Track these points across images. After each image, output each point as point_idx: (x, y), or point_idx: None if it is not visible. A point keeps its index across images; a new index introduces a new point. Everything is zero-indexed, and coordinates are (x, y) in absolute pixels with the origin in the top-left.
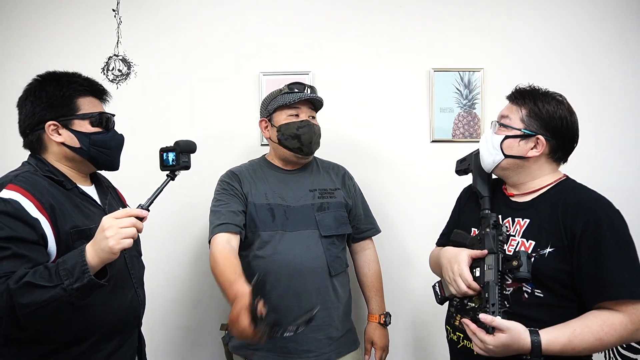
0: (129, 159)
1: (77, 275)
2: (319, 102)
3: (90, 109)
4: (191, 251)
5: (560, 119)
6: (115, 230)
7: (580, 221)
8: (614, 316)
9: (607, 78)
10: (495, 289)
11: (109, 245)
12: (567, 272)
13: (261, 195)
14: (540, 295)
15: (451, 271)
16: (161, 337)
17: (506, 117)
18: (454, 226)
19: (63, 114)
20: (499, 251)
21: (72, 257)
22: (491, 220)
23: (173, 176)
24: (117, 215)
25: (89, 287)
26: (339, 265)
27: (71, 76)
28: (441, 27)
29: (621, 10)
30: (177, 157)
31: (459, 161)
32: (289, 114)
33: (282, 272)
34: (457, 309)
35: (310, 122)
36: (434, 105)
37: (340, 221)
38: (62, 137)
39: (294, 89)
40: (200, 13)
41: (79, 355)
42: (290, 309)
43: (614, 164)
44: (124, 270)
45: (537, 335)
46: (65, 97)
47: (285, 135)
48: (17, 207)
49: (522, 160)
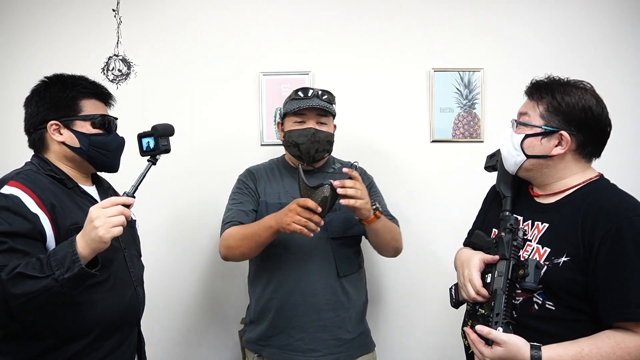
0: (129, 159)
1: (68, 265)
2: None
3: (93, 110)
4: (192, 251)
5: (584, 110)
6: (103, 219)
7: (601, 230)
8: (630, 338)
9: (607, 78)
10: (502, 298)
11: (98, 235)
12: (581, 283)
13: (274, 194)
14: (551, 308)
15: (462, 275)
16: (161, 336)
17: (525, 115)
18: (479, 226)
19: (65, 114)
20: (510, 257)
21: (63, 248)
22: (508, 223)
23: (154, 160)
24: (104, 204)
25: (80, 277)
26: (348, 266)
27: (77, 79)
28: (441, 27)
29: (621, 11)
30: (156, 141)
31: (488, 157)
32: (294, 120)
33: (290, 271)
34: (469, 314)
35: (313, 129)
36: (434, 105)
37: (352, 222)
38: (63, 136)
39: (300, 94)
40: (200, 13)
41: (78, 352)
42: (296, 307)
43: (614, 163)
44: (124, 269)
45: (538, 350)
46: (68, 98)
47: (287, 142)
48: (17, 202)
49: (546, 159)
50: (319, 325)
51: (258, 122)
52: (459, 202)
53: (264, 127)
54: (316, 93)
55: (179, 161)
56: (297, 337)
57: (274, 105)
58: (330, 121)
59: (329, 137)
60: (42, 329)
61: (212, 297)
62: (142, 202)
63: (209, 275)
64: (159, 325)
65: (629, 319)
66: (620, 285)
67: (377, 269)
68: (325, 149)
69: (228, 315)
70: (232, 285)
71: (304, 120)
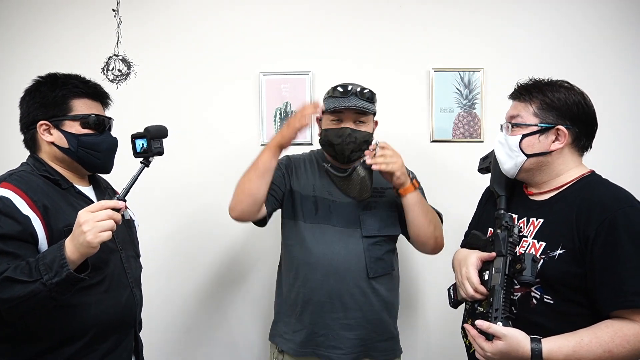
0: (129, 160)
1: (56, 270)
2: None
3: (84, 110)
4: (193, 251)
5: (576, 105)
6: (92, 224)
7: (595, 221)
8: (628, 327)
9: (606, 78)
10: (500, 293)
11: (87, 239)
12: (578, 275)
13: (309, 186)
14: (549, 302)
15: (460, 274)
16: (160, 336)
17: (517, 116)
18: (475, 226)
19: (54, 114)
20: (507, 254)
21: (51, 252)
22: (503, 221)
23: (147, 163)
24: (93, 208)
25: (69, 282)
26: (380, 267)
27: (68, 78)
28: (441, 27)
29: (621, 11)
30: (149, 143)
31: (481, 159)
32: (331, 119)
33: (318, 266)
34: (468, 312)
35: (349, 130)
36: (434, 105)
37: (387, 222)
38: (53, 137)
39: (338, 91)
40: (200, 13)
41: (74, 354)
42: (322, 305)
43: (614, 163)
44: (120, 270)
45: (538, 342)
46: (58, 98)
47: (323, 140)
48: (8, 204)
49: (546, 156)
50: (344, 323)
51: (258, 122)
52: (459, 202)
53: (264, 127)
54: (355, 91)
55: (179, 161)
56: (320, 333)
57: (274, 105)
58: (369, 119)
59: (366, 137)
60: (37, 330)
61: (213, 298)
62: (142, 202)
63: (210, 276)
64: (158, 325)
65: (625, 307)
66: (616, 274)
67: None
68: (361, 149)
69: (228, 317)
70: (232, 286)
71: (340, 118)
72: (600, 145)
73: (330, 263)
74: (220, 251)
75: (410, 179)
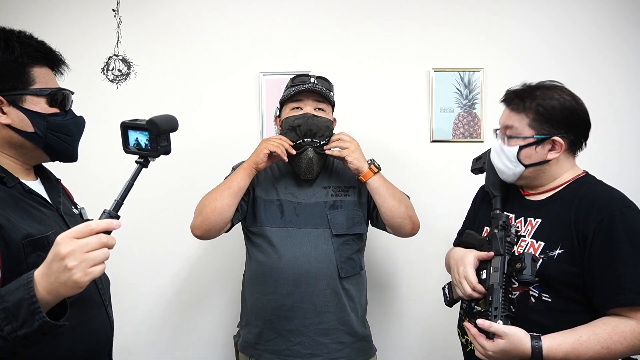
0: (129, 160)
1: (24, 318)
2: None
3: (47, 82)
4: (188, 257)
5: (569, 111)
6: (79, 257)
7: (593, 222)
8: (625, 324)
9: (606, 78)
10: (499, 292)
11: (73, 279)
12: (576, 274)
13: (272, 190)
14: (548, 300)
15: (457, 273)
16: (149, 338)
17: (512, 128)
18: (469, 226)
19: (12, 85)
20: (505, 253)
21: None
22: (500, 221)
23: (145, 163)
24: (78, 234)
25: (42, 333)
26: (350, 267)
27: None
28: (441, 27)
29: (621, 10)
30: (154, 140)
31: (474, 160)
32: (291, 107)
33: (288, 271)
34: (465, 311)
35: (310, 114)
36: (434, 105)
37: (354, 220)
38: (9, 117)
39: (297, 80)
40: (200, 13)
41: None
42: (294, 310)
43: (613, 163)
44: (92, 286)
45: (538, 340)
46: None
47: (284, 129)
48: None
49: (543, 164)
50: (320, 328)
51: (258, 122)
52: (459, 202)
53: (264, 127)
54: (314, 76)
55: (178, 161)
56: (295, 341)
57: (274, 105)
58: (328, 109)
59: (327, 123)
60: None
61: (202, 300)
62: (138, 201)
63: (205, 280)
64: (144, 327)
65: (623, 305)
66: (614, 272)
67: (377, 269)
68: (324, 134)
69: (220, 319)
70: (224, 288)
71: (300, 106)
72: (600, 145)
73: (302, 265)
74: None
75: (368, 164)
